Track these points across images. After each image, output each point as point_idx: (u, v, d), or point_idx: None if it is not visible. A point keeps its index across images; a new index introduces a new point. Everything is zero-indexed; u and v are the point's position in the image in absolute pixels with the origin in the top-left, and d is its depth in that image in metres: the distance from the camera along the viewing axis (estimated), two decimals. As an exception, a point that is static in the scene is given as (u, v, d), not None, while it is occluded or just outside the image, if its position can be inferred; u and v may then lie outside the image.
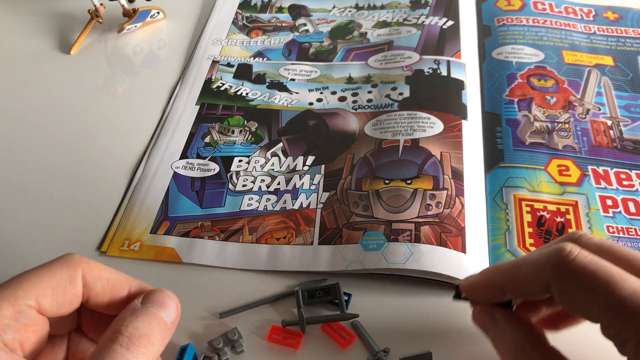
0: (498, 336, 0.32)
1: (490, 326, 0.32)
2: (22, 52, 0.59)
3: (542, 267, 0.29)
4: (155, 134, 0.50)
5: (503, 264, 0.31)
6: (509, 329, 0.31)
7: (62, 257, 0.28)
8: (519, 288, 0.30)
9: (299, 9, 0.63)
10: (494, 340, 0.32)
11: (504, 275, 0.31)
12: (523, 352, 0.30)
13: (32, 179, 0.47)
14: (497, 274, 0.31)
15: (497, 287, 0.31)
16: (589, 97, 0.51)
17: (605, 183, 0.44)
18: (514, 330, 0.31)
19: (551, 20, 0.59)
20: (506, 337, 0.31)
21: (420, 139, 0.46)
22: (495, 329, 0.32)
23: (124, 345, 0.26)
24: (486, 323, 0.33)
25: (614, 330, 0.26)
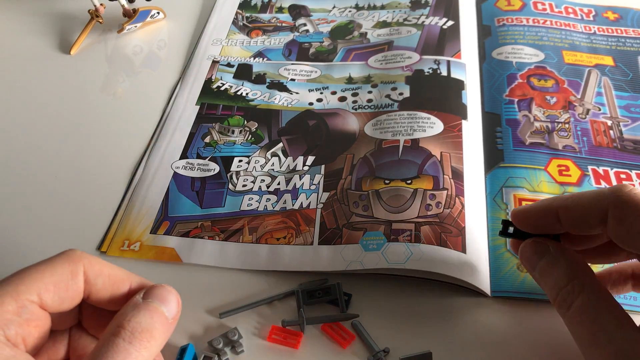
0: (549, 266, 0.31)
1: (541, 257, 0.32)
2: (22, 52, 0.59)
3: (602, 196, 0.30)
4: (155, 134, 0.50)
5: (561, 196, 0.32)
6: (562, 258, 0.31)
7: (63, 253, 0.28)
8: (576, 215, 0.30)
9: (299, 9, 0.63)
10: (543, 271, 0.32)
11: (562, 201, 0.31)
12: (575, 278, 0.30)
13: (32, 179, 0.47)
14: (554, 200, 0.32)
15: (553, 214, 0.31)
16: (589, 97, 0.51)
17: (605, 183, 0.44)
18: (567, 260, 0.31)
19: (551, 21, 0.59)
20: (558, 267, 0.31)
21: (420, 139, 0.46)
22: (546, 259, 0.31)
23: (126, 340, 0.26)
24: (536, 254, 0.32)
25: None
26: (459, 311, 0.38)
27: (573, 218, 0.31)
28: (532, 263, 0.32)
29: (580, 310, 0.29)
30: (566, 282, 0.30)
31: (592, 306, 0.29)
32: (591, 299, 0.29)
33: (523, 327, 0.37)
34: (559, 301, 0.30)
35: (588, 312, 0.29)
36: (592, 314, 0.28)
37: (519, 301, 0.38)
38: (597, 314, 0.28)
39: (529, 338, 0.36)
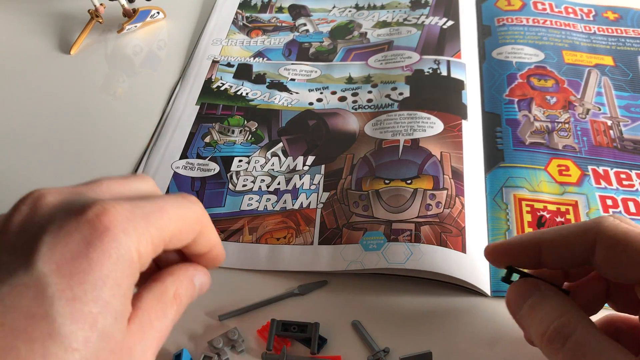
0: (537, 304, 0.30)
1: (530, 295, 0.30)
2: (22, 52, 0.59)
3: (588, 227, 0.29)
4: (155, 134, 0.50)
5: (537, 230, 0.31)
6: (552, 296, 0.29)
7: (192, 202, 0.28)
8: (562, 249, 0.29)
9: (299, 9, 0.63)
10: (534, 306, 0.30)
11: (543, 234, 0.30)
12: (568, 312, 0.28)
13: (32, 179, 0.47)
14: (533, 234, 0.31)
15: (534, 249, 0.30)
16: (589, 97, 0.51)
17: (605, 183, 0.44)
18: (559, 296, 0.29)
19: (551, 20, 0.59)
20: (550, 301, 0.29)
21: (420, 139, 0.46)
22: (538, 295, 0.30)
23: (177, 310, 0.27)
24: (526, 292, 0.30)
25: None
26: (459, 311, 0.38)
27: (558, 252, 0.30)
28: (520, 302, 0.31)
29: (579, 345, 0.27)
30: (559, 315, 0.28)
31: (591, 339, 0.27)
32: (591, 332, 0.27)
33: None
34: (551, 336, 0.28)
35: (590, 346, 0.26)
36: (596, 347, 0.26)
37: (519, 301, 0.38)
38: (600, 347, 0.26)
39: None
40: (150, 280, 0.27)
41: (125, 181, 0.27)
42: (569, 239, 0.29)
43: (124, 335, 0.23)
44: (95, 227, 0.22)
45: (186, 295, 0.28)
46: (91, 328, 0.21)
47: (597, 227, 0.28)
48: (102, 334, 0.22)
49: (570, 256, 0.29)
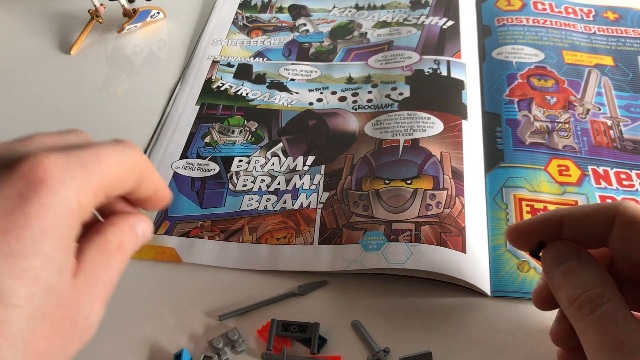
0: (578, 267, 0.30)
1: (569, 258, 0.30)
2: (22, 52, 0.59)
3: (609, 206, 0.30)
4: (155, 134, 0.50)
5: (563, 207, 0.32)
6: (593, 263, 0.30)
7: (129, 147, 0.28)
8: (582, 223, 0.30)
9: (299, 9, 0.63)
10: (567, 271, 0.30)
11: (566, 210, 0.31)
12: (605, 283, 0.29)
13: (32, 179, 0.47)
14: (557, 210, 0.31)
15: (557, 223, 0.31)
16: (589, 97, 0.51)
17: (605, 183, 0.44)
18: (597, 267, 0.30)
19: (551, 20, 0.59)
20: (588, 269, 0.30)
21: (420, 139, 0.46)
22: (574, 261, 0.30)
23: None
24: (566, 255, 0.31)
25: None
26: (459, 311, 0.38)
27: (579, 226, 0.30)
28: (559, 262, 0.31)
29: (608, 315, 0.27)
30: (596, 285, 0.29)
31: (622, 313, 0.28)
32: (620, 305, 0.28)
33: (523, 327, 0.37)
34: (582, 302, 0.28)
35: (618, 318, 0.27)
36: (621, 321, 0.27)
37: (519, 301, 0.38)
38: (626, 321, 0.27)
39: (529, 338, 0.36)
40: (92, 232, 0.26)
41: (59, 135, 0.27)
42: (590, 215, 0.30)
43: (69, 289, 0.23)
44: (29, 180, 0.22)
45: (129, 244, 0.27)
46: (33, 283, 0.21)
47: (617, 207, 0.30)
48: (46, 289, 0.21)
49: (590, 232, 0.30)
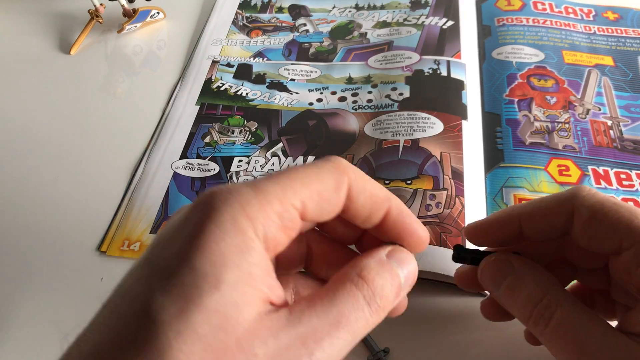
0: (515, 284, 0.29)
1: (505, 275, 0.29)
2: (22, 52, 0.59)
3: (566, 198, 0.29)
4: (155, 134, 0.50)
5: (520, 203, 0.31)
6: (529, 273, 0.29)
7: (330, 161, 0.25)
8: (541, 220, 0.29)
9: (299, 9, 0.63)
10: (509, 290, 0.29)
11: (522, 208, 0.30)
12: (548, 292, 0.28)
13: (31, 179, 0.47)
14: (512, 208, 0.31)
15: (515, 223, 0.30)
16: (589, 97, 0.51)
17: (605, 183, 0.44)
18: (536, 274, 0.29)
19: (551, 20, 0.59)
20: (526, 283, 0.29)
21: (420, 139, 0.46)
22: (513, 275, 0.29)
23: (366, 298, 0.23)
24: (499, 273, 0.30)
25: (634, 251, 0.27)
26: (459, 311, 0.38)
27: (538, 223, 0.29)
28: (497, 282, 0.30)
29: (562, 323, 0.27)
30: (541, 297, 0.28)
31: (575, 317, 0.27)
32: (570, 310, 0.27)
33: (523, 327, 0.37)
34: (535, 318, 0.28)
35: (571, 324, 0.27)
36: (575, 325, 0.27)
37: (519, 301, 0.38)
38: (581, 324, 0.27)
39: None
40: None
41: None
42: (547, 210, 0.29)
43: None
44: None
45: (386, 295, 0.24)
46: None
47: (574, 197, 0.29)
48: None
49: (550, 227, 0.29)
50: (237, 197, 0.22)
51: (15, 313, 0.39)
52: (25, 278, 0.41)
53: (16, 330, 0.38)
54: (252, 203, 0.22)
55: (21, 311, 0.39)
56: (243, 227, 0.22)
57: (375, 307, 0.23)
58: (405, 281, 0.25)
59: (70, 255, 0.42)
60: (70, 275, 0.41)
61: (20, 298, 0.40)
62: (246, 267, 0.21)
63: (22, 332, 0.38)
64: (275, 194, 0.23)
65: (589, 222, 0.28)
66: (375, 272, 0.24)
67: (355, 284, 0.23)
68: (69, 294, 0.39)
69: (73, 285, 0.40)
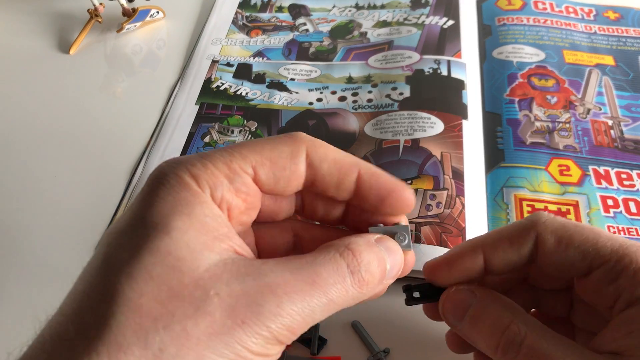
0: (479, 313, 0.28)
1: (467, 307, 0.28)
2: (22, 52, 0.59)
3: (527, 225, 0.28)
4: (154, 134, 0.50)
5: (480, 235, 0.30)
6: (493, 301, 0.28)
7: (286, 134, 0.26)
8: (504, 250, 0.28)
9: (299, 8, 0.63)
10: (474, 319, 0.28)
11: (484, 238, 0.29)
12: (514, 318, 0.27)
13: (31, 179, 0.47)
14: (476, 238, 0.30)
15: (478, 253, 0.29)
16: (590, 97, 0.51)
17: (606, 183, 0.44)
18: (498, 303, 0.28)
19: (552, 20, 0.58)
20: (490, 312, 0.28)
21: (420, 139, 0.46)
22: (474, 307, 0.28)
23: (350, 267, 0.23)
24: (462, 303, 0.29)
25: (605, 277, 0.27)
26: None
27: (503, 253, 0.28)
28: (459, 315, 0.28)
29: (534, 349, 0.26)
30: (507, 324, 0.27)
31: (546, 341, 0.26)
32: (540, 334, 0.26)
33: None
34: (504, 346, 0.27)
35: (544, 348, 0.26)
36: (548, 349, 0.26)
37: (520, 301, 0.38)
38: (554, 347, 0.26)
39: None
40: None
41: None
42: (512, 239, 0.28)
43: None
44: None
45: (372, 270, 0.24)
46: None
47: (535, 224, 0.28)
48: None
49: (516, 256, 0.28)
50: (183, 161, 0.24)
51: (13, 313, 0.39)
52: (24, 278, 0.41)
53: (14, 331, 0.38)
54: (196, 164, 0.23)
55: (19, 311, 0.39)
56: (188, 183, 0.23)
57: (358, 278, 0.23)
58: (391, 268, 0.25)
59: (70, 255, 0.42)
60: (70, 275, 0.41)
61: (18, 298, 0.40)
62: (197, 217, 0.22)
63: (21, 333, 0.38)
64: (222, 158, 0.24)
65: (556, 247, 0.28)
66: (363, 249, 0.24)
67: (340, 253, 0.24)
68: (68, 294, 0.39)
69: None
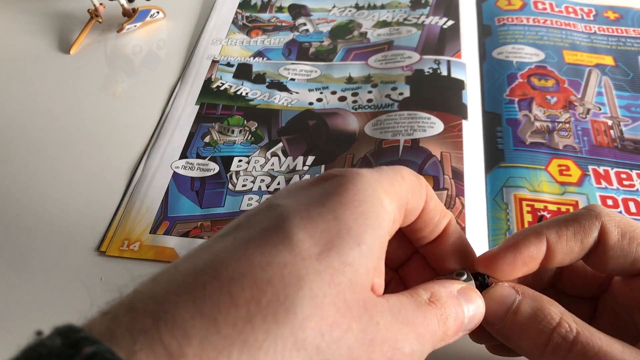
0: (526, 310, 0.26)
1: (511, 303, 0.27)
2: (22, 52, 0.59)
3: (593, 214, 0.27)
4: (154, 134, 0.50)
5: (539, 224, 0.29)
6: (538, 297, 0.27)
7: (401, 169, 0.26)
8: (568, 235, 0.27)
9: (299, 8, 0.63)
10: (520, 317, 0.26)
11: (547, 224, 0.28)
12: (563, 314, 0.26)
13: (31, 179, 0.47)
14: (536, 225, 0.28)
15: (541, 238, 0.27)
16: (590, 97, 0.51)
17: (605, 183, 0.44)
18: (545, 298, 0.27)
19: (552, 20, 0.58)
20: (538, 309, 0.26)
21: (420, 139, 0.46)
22: (520, 304, 0.27)
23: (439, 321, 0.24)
24: (506, 300, 0.27)
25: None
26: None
27: (567, 242, 0.27)
28: (501, 313, 0.27)
29: (588, 346, 0.25)
30: (555, 319, 0.26)
31: (598, 339, 0.25)
32: (591, 332, 0.26)
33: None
34: (556, 345, 0.25)
35: (597, 345, 0.25)
36: (602, 346, 0.25)
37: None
38: (605, 344, 0.25)
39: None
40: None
41: None
42: (576, 228, 0.27)
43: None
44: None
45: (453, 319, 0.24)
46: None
47: (600, 214, 0.27)
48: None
49: (578, 248, 0.27)
50: (370, 173, 0.23)
51: (14, 313, 0.39)
52: (24, 278, 0.41)
53: (14, 330, 0.38)
54: (383, 181, 0.23)
55: (20, 311, 0.39)
56: (381, 197, 0.22)
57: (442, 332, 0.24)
58: (469, 321, 0.25)
59: (70, 255, 0.42)
60: (70, 275, 0.41)
61: (19, 298, 0.40)
62: (379, 237, 0.22)
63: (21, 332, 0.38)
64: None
65: (620, 240, 0.27)
66: (444, 302, 0.24)
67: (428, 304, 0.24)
68: (68, 294, 0.39)
69: (72, 286, 0.40)
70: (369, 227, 0.21)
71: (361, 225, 0.21)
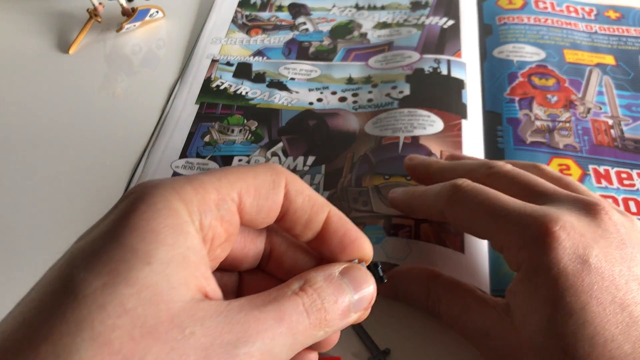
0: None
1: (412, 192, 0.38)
2: (21, 52, 0.59)
3: (439, 198, 0.34)
4: (154, 134, 0.50)
5: (417, 190, 0.38)
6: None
7: (264, 164, 0.25)
8: (424, 211, 0.37)
9: (299, 7, 0.63)
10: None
11: (413, 200, 0.37)
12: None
13: (30, 179, 0.47)
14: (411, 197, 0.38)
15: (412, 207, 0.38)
16: (590, 96, 0.51)
17: (606, 182, 0.44)
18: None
19: (552, 19, 0.58)
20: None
21: (420, 137, 0.46)
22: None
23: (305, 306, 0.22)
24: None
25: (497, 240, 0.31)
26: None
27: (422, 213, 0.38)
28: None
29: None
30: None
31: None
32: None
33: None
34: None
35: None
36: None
37: (520, 301, 0.38)
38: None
39: (530, 338, 0.36)
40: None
41: None
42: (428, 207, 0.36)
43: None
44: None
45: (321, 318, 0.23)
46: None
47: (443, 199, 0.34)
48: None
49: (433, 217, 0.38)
50: (170, 183, 0.22)
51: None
52: (24, 279, 0.41)
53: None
54: (186, 188, 0.22)
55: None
56: (177, 209, 0.21)
57: (315, 319, 0.22)
58: (359, 300, 0.24)
59: (69, 255, 0.42)
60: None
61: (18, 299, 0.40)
62: (180, 249, 0.21)
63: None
64: (211, 182, 0.23)
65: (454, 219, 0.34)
66: (320, 285, 0.23)
67: (296, 293, 0.23)
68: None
69: (71, 285, 0.40)
70: (160, 242, 0.20)
71: (150, 243, 0.20)
